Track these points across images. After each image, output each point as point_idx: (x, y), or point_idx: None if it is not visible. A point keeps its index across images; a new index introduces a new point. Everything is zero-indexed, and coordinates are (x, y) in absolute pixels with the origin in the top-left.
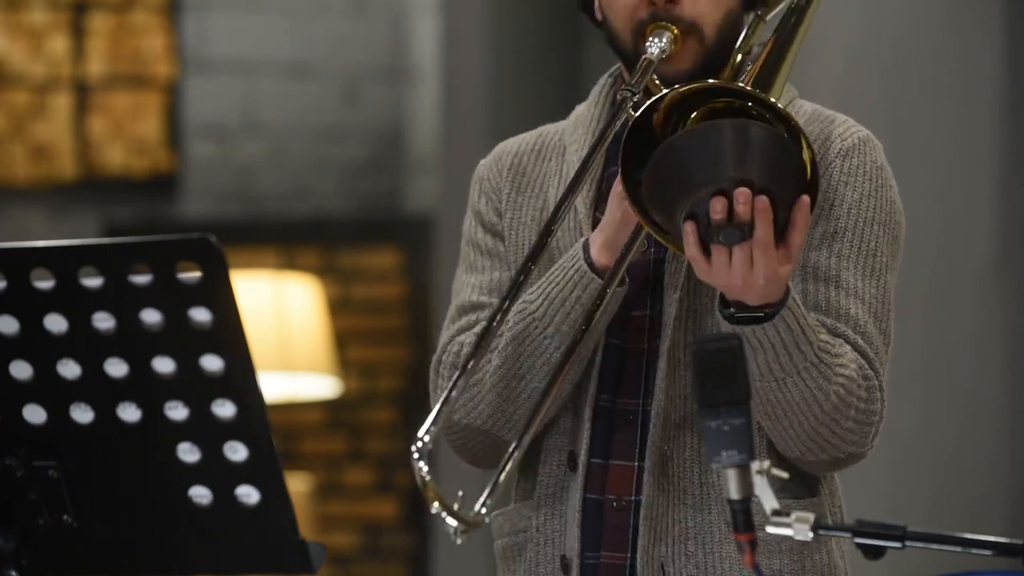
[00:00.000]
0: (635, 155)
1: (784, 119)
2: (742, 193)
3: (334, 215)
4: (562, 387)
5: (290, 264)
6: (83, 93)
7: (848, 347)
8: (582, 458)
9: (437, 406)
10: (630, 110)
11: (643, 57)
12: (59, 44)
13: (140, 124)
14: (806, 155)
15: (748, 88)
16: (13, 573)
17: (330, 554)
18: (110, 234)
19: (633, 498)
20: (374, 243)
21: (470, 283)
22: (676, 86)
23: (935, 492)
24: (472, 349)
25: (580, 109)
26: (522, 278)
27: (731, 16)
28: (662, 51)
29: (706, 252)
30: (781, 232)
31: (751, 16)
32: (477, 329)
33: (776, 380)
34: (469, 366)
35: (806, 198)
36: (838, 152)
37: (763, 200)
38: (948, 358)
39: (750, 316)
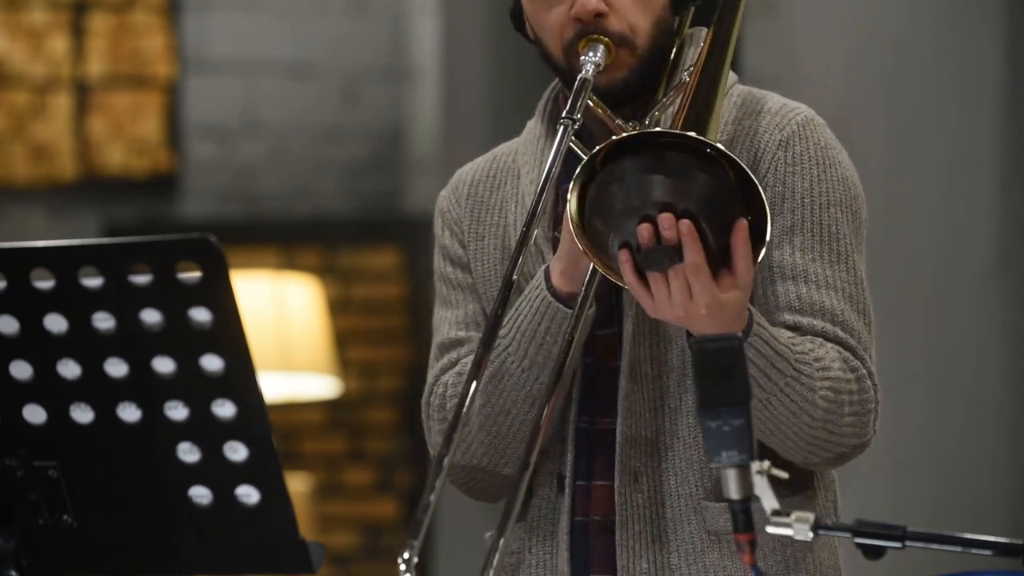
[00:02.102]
0: (583, 192)
1: (721, 155)
2: (665, 217)
3: (334, 215)
4: (549, 414)
5: (290, 264)
6: (83, 93)
7: (829, 345)
8: (568, 480)
9: (425, 521)
10: (572, 141)
11: (578, 77)
12: (59, 44)
13: (140, 124)
14: (730, 175)
15: (674, 131)
16: (13, 573)
17: (330, 554)
18: (110, 234)
19: (616, 517)
20: (374, 243)
21: (447, 319)
22: (603, 144)
23: (935, 492)
24: (460, 401)
25: (530, 125)
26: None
27: (661, 23)
28: (596, 66)
29: (646, 285)
30: (725, 259)
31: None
32: (458, 369)
33: (760, 401)
34: (461, 418)
35: (743, 221)
36: (778, 144)
37: (686, 223)
38: (949, 359)
39: None
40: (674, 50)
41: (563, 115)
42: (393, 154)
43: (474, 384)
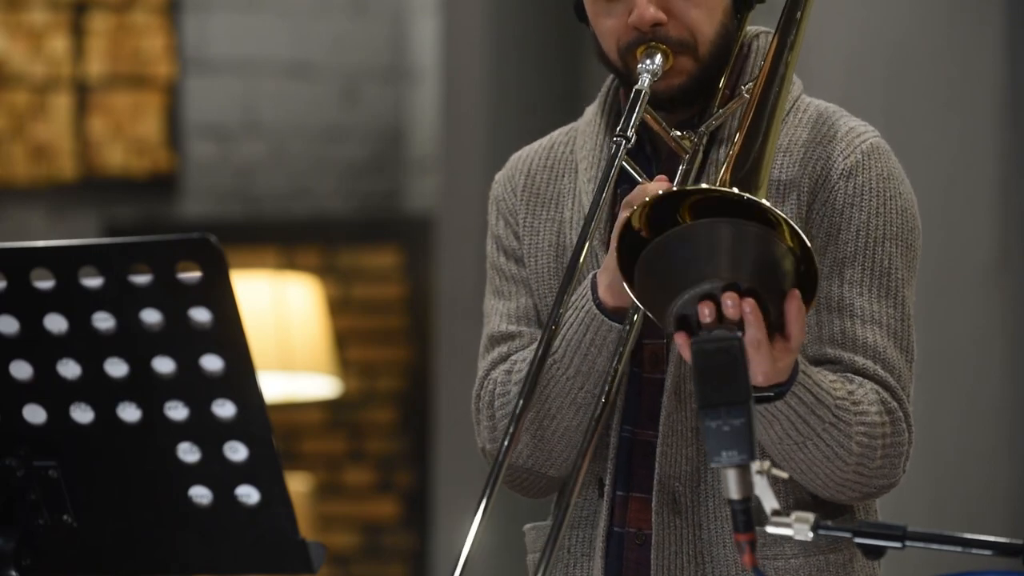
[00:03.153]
0: (628, 241)
1: (766, 214)
2: (729, 296)
3: (334, 215)
4: (600, 425)
5: (290, 264)
6: (83, 93)
7: (869, 384)
8: (607, 489)
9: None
10: (625, 160)
11: (634, 88)
12: (59, 44)
13: (140, 124)
14: (789, 241)
15: (723, 189)
16: (13, 573)
17: (330, 554)
18: (110, 234)
19: (651, 532)
20: (374, 243)
21: (498, 310)
22: (650, 197)
23: (935, 492)
24: (506, 430)
25: (589, 114)
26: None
27: (723, 27)
28: (653, 75)
29: None
30: (777, 324)
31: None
32: (507, 367)
33: (795, 443)
34: (511, 429)
35: (795, 291)
36: (841, 173)
37: (750, 302)
38: (948, 359)
39: (760, 396)
40: (735, 51)
41: (617, 131)
42: (393, 154)
43: (522, 409)
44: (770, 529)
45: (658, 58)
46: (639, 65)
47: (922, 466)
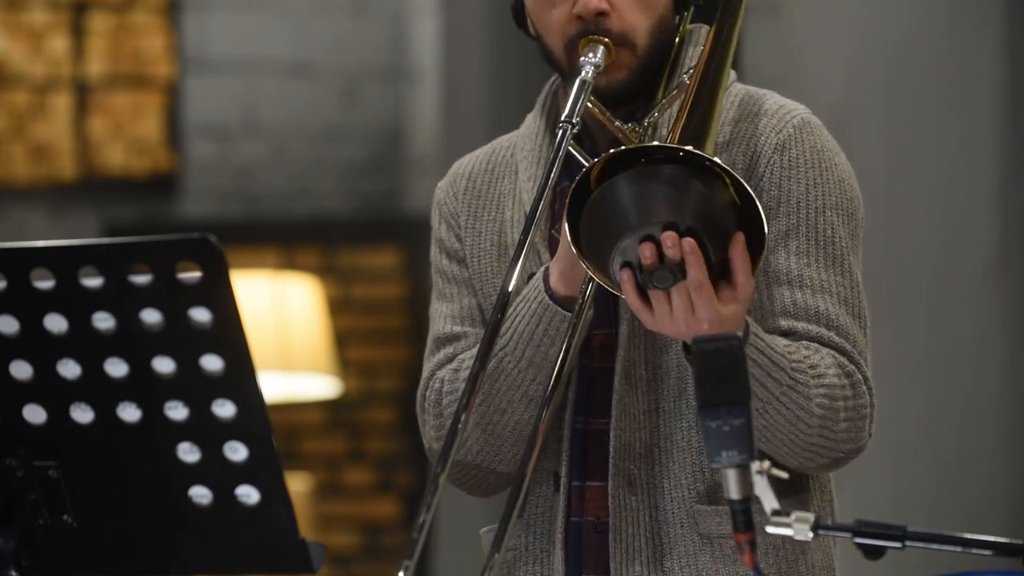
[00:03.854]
0: (579, 203)
1: (718, 169)
2: (668, 236)
3: (334, 215)
4: (548, 416)
5: (290, 264)
6: (83, 93)
7: (825, 350)
8: (563, 480)
9: (420, 540)
10: (571, 145)
11: (578, 79)
12: (59, 44)
13: (140, 124)
14: (734, 196)
15: (673, 146)
16: (13, 573)
17: (330, 554)
18: (110, 234)
19: (608, 519)
20: (374, 243)
21: (442, 312)
22: (598, 159)
23: (935, 492)
24: (455, 419)
25: (528, 119)
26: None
27: (663, 23)
28: (596, 67)
29: (647, 300)
30: (724, 271)
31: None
32: (454, 366)
33: (756, 409)
34: (460, 423)
35: (740, 235)
36: (775, 147)
37: (690, 241)
38: (949, 358)
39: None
40: (674, 49)
41: (562, 119)
42: (393, 154)
43: (469, 397)
44: (770, 529)
45: (600, 50)
46: (581, 58)
47: (922, 466)
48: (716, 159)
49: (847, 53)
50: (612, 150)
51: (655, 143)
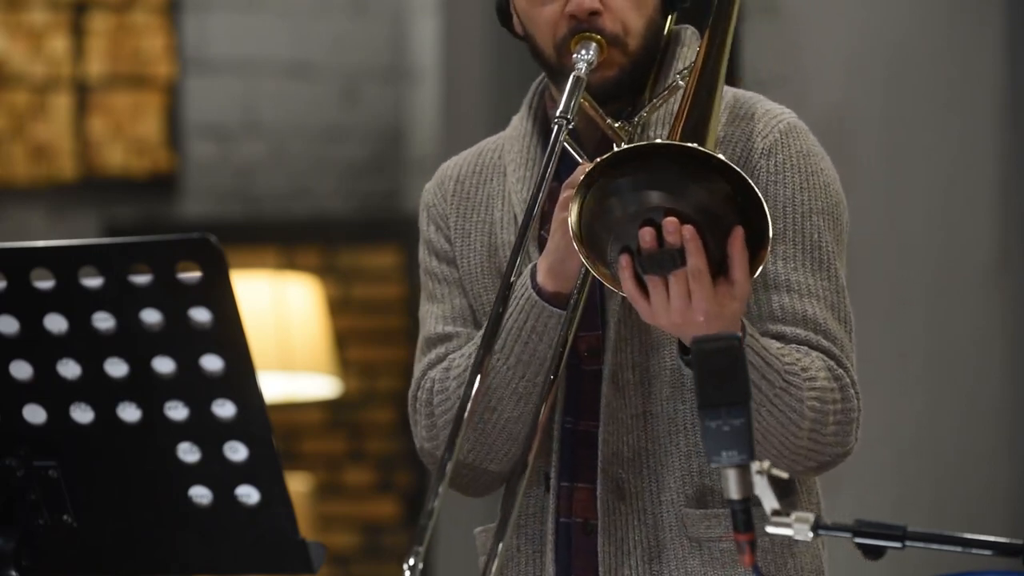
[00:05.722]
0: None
1: (722, 167)
2: (670, 221)
3: (334, 215)
4: (546, 414)
5: (290, 264)
6: (83, 93)
7: (814, 354)
8: (552, 481)
9: (429, 527)
10: (566, 140)
11: (572, 75)
12: (59, 44)
13: (140, 124)
14: (728, 185)
15: (675, 142)
16: (13, 573)
17: (330, 554)
18: (110, 234)
19: (597, 521)
20: (374, 243)
21: (433, 313)
22: (609, 154)
23: (935, 492)
24: (461, 406)
25: (515, 121)
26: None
27: (652, 23)
28: (589, 64)
29: (644, 290)
30: (723, 270)
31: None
32: (445, 365)
33: None
34: (466, 414)
35: (739, 229)
36: (761, 152)
37: (690, 228)
38: (949, 359)
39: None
40: (660, 50)
41: (557, 114)
42: (393, 154)
43: (474, 388)
44: (770, 529)
45: (593, 47)
46: (574, 55)
47: (922, 466)
48: (722, 157)
49: (847, 53)
50: (625, 145)
51: (660, 141)
